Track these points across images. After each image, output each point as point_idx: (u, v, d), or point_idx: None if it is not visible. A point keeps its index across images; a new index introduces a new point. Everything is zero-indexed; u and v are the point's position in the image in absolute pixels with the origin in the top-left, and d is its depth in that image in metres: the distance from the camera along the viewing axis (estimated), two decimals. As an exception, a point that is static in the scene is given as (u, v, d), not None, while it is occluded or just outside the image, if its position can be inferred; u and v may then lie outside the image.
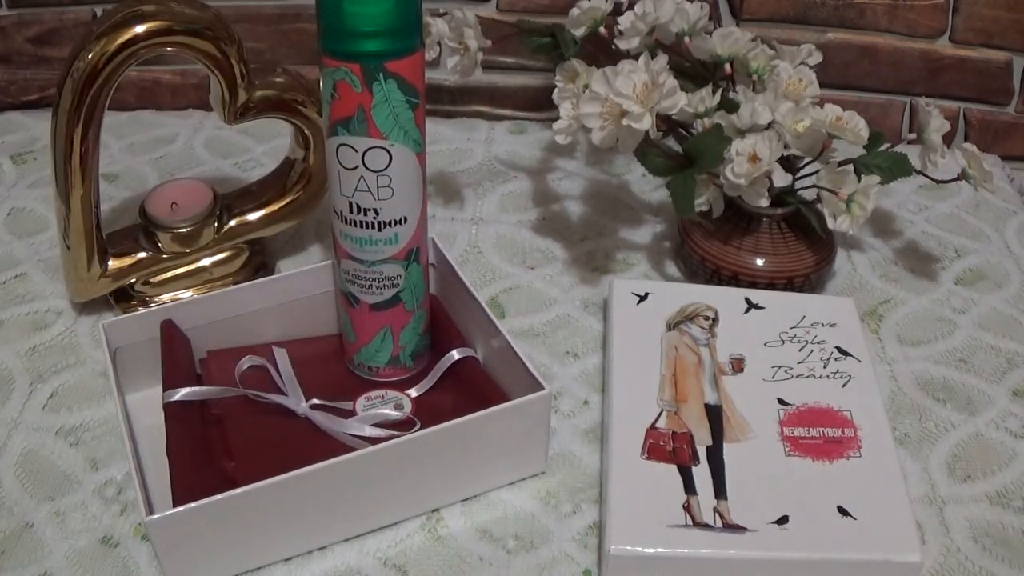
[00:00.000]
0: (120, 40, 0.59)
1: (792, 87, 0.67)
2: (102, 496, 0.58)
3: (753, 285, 0.70)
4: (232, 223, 0.72)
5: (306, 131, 0.70)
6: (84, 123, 0.61)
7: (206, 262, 0.71)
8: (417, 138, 0.55)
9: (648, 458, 0.56)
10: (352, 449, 0.54)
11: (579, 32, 0.73)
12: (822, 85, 0.69)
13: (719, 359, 0.63)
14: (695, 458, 0.56)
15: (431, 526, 0.57)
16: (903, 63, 0.88)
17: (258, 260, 0.74)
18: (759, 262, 0.70)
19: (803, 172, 0.70)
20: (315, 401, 0.61)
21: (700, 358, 0.63)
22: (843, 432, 0.58)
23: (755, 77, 0.71)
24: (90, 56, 0.59)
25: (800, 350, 0.64)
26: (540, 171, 0.87)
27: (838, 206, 0.66)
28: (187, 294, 0.70)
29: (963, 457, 0.61)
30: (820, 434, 0.58)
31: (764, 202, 0.66)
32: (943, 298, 0.74)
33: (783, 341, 0.64)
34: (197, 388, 0.59)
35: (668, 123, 0.69)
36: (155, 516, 0.49)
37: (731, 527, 0.53)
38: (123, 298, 0.70)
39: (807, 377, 0.62)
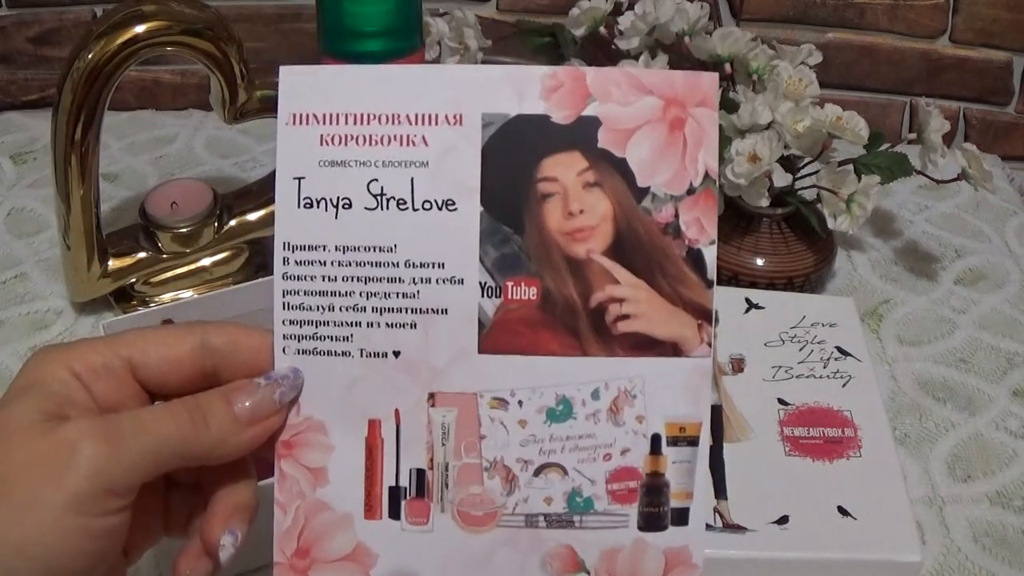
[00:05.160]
0: (120, 40, 0.59)
1: (792, 87, 0.67)
2: (102, 496, 0.58)
3: (753, 285, 0.70)
4: (232, 223, 0.72)
5: (306, 131, 0.70)
6: (84, 123, 0.61)
7: (206, 262, 0.71)
8: (417, 138, 0.55)
9: (648, 458, 0.56)
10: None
11: (579, 32, 0.73)
12: (822, 85, 0.69)
13: (719, 359, 0.63)
14: (695, 458, 0.56)
15: (431, 526, 0.56)
16: (903, 63, 0.88)
17: (258, 260, 0.74)
18: (759, 262, 0.70)
19: (803, 172, 0.70)
20: (315, 401, 0.60)
21: (700, 358, 0.63)
22: (843, 432, 0.58)
23: (755, 77, 0.71)
24: (90, 56, 0.59)
25: (800, 350, 0.64)
26: (540, 171, 0.87)
27: (838, 206, 0.66)
28: (187, 294, 0.70)
29: (963, 457, 0.61)
30: (820, 434, 0.58)
31: (764, 202, 0.66)
32: (943, 298, 0.74)
33: (783, 341, 0.64)
34: (197, 388, 0.59)
35: (668, 123, 0.69)
36: (155, 516, 0.48)
37: (731, 527, 0.53)
38: (123, 298, 0.70)
39: (807, 377, 0.62)
